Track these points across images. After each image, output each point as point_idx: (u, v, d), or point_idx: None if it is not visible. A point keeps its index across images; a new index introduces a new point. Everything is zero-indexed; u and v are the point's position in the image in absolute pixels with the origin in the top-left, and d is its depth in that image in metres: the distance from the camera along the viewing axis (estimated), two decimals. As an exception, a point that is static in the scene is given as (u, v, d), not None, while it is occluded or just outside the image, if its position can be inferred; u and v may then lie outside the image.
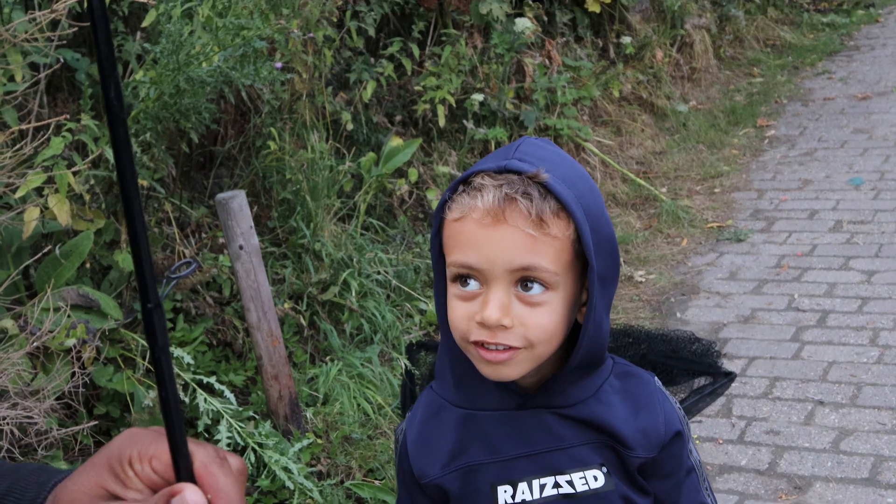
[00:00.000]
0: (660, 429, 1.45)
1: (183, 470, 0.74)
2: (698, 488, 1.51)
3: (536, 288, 1.30)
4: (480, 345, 1.32)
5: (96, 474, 0.76)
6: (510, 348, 1.31)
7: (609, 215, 1.41)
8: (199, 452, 0.76)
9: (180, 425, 0.75)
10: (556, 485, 1.42)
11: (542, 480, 1.42)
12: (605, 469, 1.43)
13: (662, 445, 1.45)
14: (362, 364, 4.04)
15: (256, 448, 3.41)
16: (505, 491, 1.42)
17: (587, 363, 1.40)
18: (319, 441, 3.68)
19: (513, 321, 1.29)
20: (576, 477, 1.42)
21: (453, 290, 1.34)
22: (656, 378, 1.53)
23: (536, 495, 1.42)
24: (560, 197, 1.28)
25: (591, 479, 1.42)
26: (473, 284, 1.31)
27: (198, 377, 3.44)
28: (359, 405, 3.90)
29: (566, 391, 1.41)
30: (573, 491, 1.42)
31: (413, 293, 4.55)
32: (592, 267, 1.31)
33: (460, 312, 1.33)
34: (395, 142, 5.05)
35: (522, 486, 1.42)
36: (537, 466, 1.42)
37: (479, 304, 1.30)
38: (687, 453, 1.50)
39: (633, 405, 1.45)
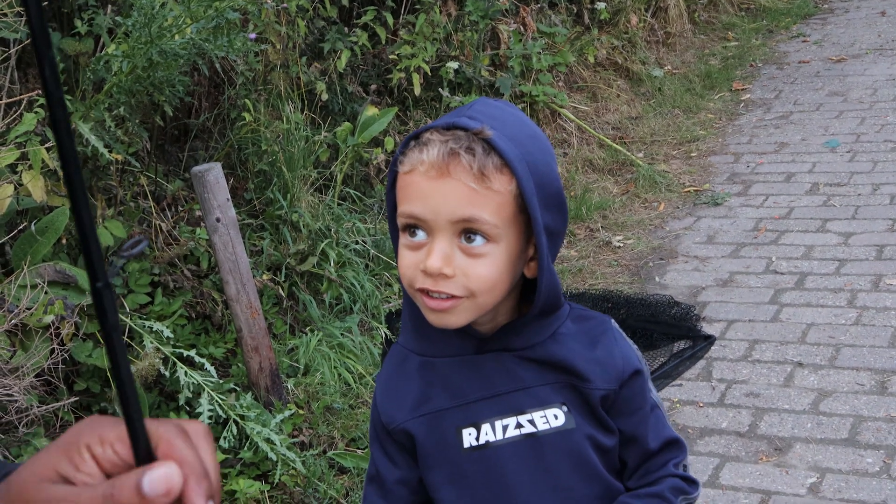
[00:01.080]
0: (616, 362, 1.48)
1: (142, 447, 0.73)
2: (665, 423, 1.54)
3: (478, 240, 1.35)
4: (425, 293, 1.37)
5: (49, 458, 0.74)
6: (452, 297, 1.36)
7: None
8: (159, 429, 0.75)
9: (136, 403, 0.73)
10: (519, 425, 1.46)
11: (505, 421, 1.46)
12: (565, 408, 1.46)
13: (621, 381, 1.48)
14: (342, 334, 4.04)
15: (238, 420, 3.40)
16: (469, 433, 1.47)
17: (547, 311, 1.45)
18: (301, 412, 3.68)
19: (454, 271, 1.35)
20: (537, 416, 1.46)
21: (403, 240, 1.40)
22: (613, 321, 1.55)
23: (500, 436, 1.46)
24: (503, 153, 1.33)
25: (552, 417, 1.46)
26: (420, 235, 1.37)
27: (177, 350, 3.42)
28: (339, 375, 3.90)
29: (523, 334, 1.46)
30: (535, 430, 1.45)
31: (391, 262, 4.53)
32: (537, 221, 1.35)
33: (407, 261, 1.38)
34: (371, 111, 5.02)
35: (486, 427, 1.46)
36: (499, 407, 1.46)
37: (424, 254, 1.36)
38: (648, 391, 1.52)
39: (588, 342, 1.49)
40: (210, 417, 3.34)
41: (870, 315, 4.13)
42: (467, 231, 1.35)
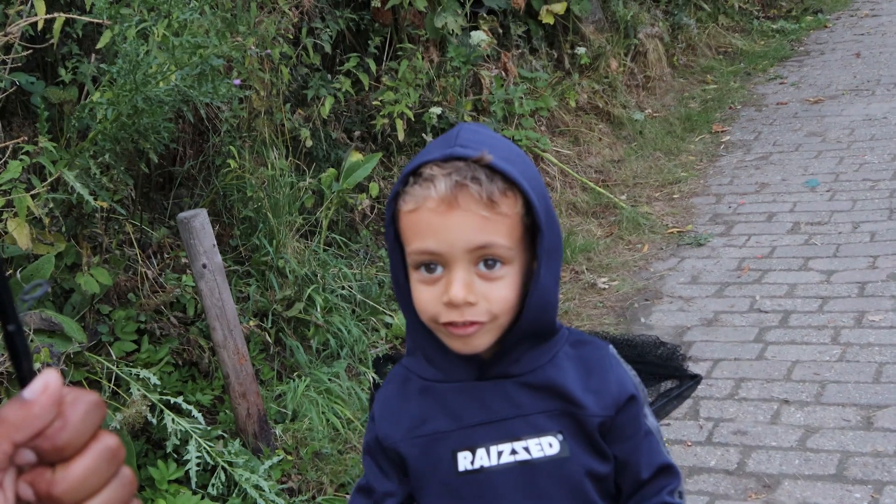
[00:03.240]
0: (612, 388, 1.49)
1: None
2: (659, 449, 1.54)
3: (497, 265, 1.38)
4: (450, 326, 1.39)
5: None
6: (478, 323, 1.38)
7: (560, 219, 1.47)
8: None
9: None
10: (514, 451, 1.46)
11: (500, 447, 1.47)
12: (561, 437, 1.46)
13: (618, 407, 1.48)
14: (329, 379, 4.03)
15: (227, 467, 3.39)
16: (465, 457, 1.48)
17: (537, 330, 1.46)
18: (290, 458, 3.66)
19: (476, 297, 1.37)
20: (532, 443, 1.46)
21: (417, 276, 1.41)
22: (611, 346, 1.56)
23: (494, 461, 1.47)
24: (507, 175, 1.36)
25: (547, 445, 1.46)
26: (437, 269, 1.39)
27: (164, 398, 3.41)
28: (328, 420, 3.89)
29: (521, 360, 1.47)
30: (529, 457, 1.46)
31: (378, 307, 4.54)
32: (544, 234, 1.39)
33: (427, 296, 1.40)
34: (355, 157, 5.06)
35: (481, 451, 1.47)
36: (496, 433, 1.47)
37: (443, 286, 1.38)
38: (643, 417, 1.53)
39: (585, 368, 1.50)
40: (198, 464, 3.32)
41: (854, 351, 4.15)
42: (483, 257, 1.37)
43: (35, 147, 3.83)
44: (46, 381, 0.72)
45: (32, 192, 3.63)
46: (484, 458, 1.47)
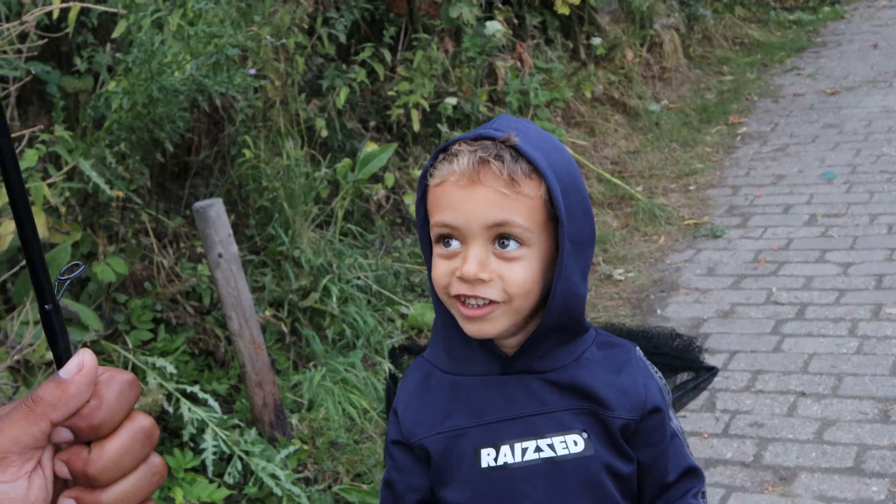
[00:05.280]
0: (640, 391, 1.48)
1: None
2: (684, 452, 1.54)
3: (512, 244, 1.38)
4: (461, 301, 1.40)
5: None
6: (490, 303, 1.38)
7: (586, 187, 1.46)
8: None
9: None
10: (538, 448, 1.46)
11: (525, 444, 1.46)
12: (585, 435, 1.46)
13: (642, 413, 1.48)
14: (346, 369, 4.03)
15: (243, 456, 3.39)
16: (488, 454, 1.47)
17: (564, 325, 1.45)
18: (306, 447, 3.66)
19: (490, 275, 1.37)
20: (556, 441, 1.45)
21: (437, 250, 1.43)
22: (638, 349, 1.56)
23: (518, 458, 1.46)
24: (530, 158, 1.37)
25: (572, 443, 1.45)
26: (454, 244, 1.40)
27: (181, 387, 3.41)
28: (343, 410, 3.89)
29: (547, 356, 1.47)
30: (554, 455, 1.45)
31: (394, 297, 4.54)
32: (563, 223, 1.38)
33: (442, 269, 1.41)
34: (371, 147, 5.05)
35: (505, 448, 1.46)
36: (520, 430, 1.46)
37: (459, 261, 1.39)
38: (668, 421, 1.52)
39: (613, 369, 1.49)
40: (214, 453, 3.33)
41: (871, 344, 4.13)
42: (501, 236, 1.37)
43: (51, 136, 3.83)
44: (82, 361, 0.73)
45: (49, 181, 3.63)
46: (508, 454, 1.46)
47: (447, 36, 6.00)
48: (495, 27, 6.04)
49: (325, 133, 5.01)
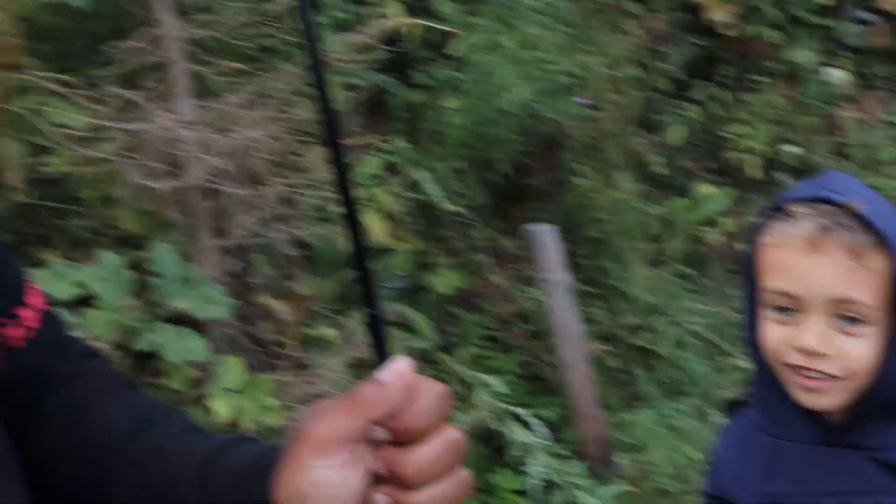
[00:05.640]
0: None
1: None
2: None
3: (856, 321, 1.31)
4: (796, 370, 1.33)
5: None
6: (830, 377, 1.31)
7: None
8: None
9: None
10: None
11: None
12: None
13: None
14: (676, 414, 3.83)
15: (568, 487, 3.26)
16: None
17: (889, 403, 1.35)
18: (633, 489, 3.49)
19: (830, 350, 1.31)
20: None
21: (770, 313, 1.36)
22: None
23: None
24: (879, 230, 1.29)
25: None
26: (792, 313, 1.33)
27: (511, 408, 3.34)
28: (670, 457, 3.69)
29: (876, 433, 1.37)
30: None
31: (730, 348, 4.30)
32: None
33: (776, 334, 1.35)
34: (708, 189, 4.86)
35: None
36: None
37: (794, 329, 1.32)
38: None
39: None
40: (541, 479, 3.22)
41: None
42: (845, 312, 1.30)
43: (391, 146, 3.90)
44: (400, 367, 0.77)
45: (392, 191, 3.68)
46: None
47: (782, 80, 5.73)
48: (838, 75, 5.72)
49: (660, 169, 4.86)
